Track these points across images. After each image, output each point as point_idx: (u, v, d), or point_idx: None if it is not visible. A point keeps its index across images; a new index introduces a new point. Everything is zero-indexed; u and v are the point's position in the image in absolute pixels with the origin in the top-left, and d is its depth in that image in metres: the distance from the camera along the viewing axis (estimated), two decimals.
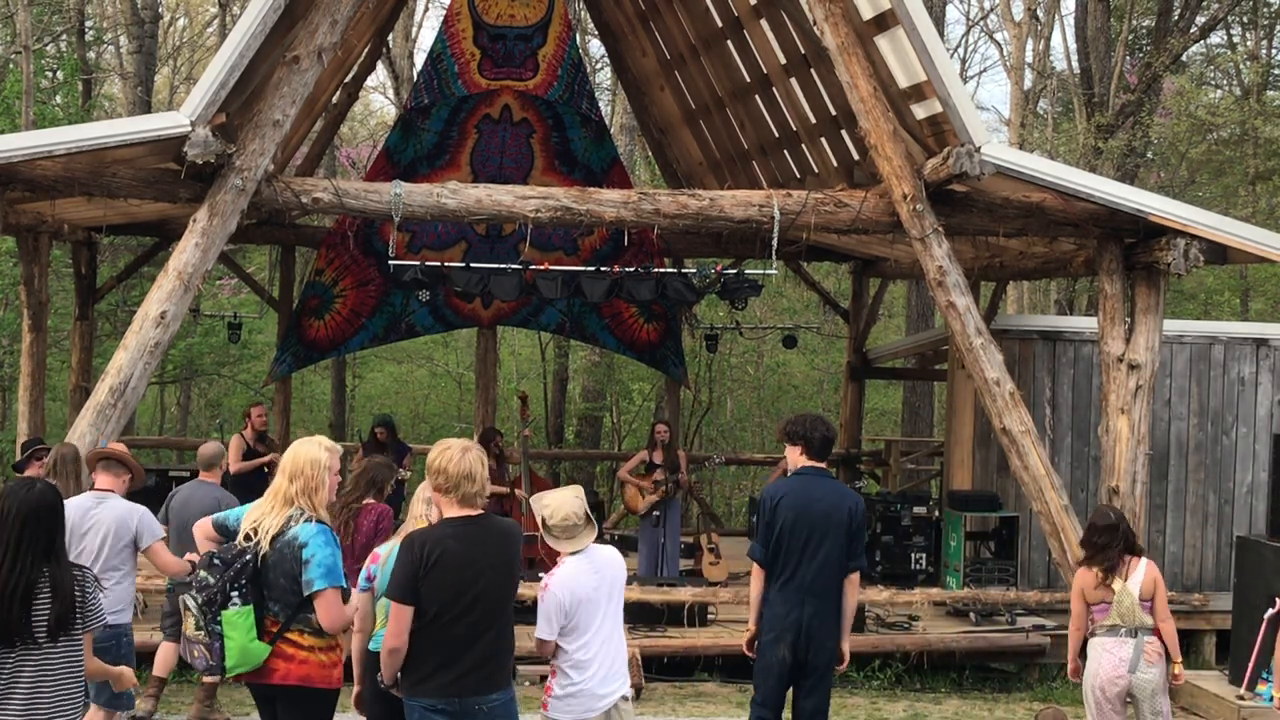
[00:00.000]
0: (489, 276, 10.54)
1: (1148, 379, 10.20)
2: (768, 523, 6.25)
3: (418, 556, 4.77)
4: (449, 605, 4.76)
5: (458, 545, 4.79)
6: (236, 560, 5.02)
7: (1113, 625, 6.74)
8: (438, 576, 4.74)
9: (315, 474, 5.11)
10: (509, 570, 4.89)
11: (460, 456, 4.85)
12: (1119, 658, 6.70)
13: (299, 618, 5.05)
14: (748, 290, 10.72)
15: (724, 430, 24.68)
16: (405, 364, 27.27)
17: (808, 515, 6.17)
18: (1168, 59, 20.00)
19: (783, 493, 6.30)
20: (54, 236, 12.83)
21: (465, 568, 4.77)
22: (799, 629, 6.17)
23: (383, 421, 12.65)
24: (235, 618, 4.98)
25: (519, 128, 13.54)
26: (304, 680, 5.06)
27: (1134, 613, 6.69)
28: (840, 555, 6.20)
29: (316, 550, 4.98)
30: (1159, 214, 9.82)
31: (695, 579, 11.49)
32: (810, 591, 6.17)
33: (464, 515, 4.87)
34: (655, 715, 8.77)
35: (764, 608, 6.30)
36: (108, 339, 18.32)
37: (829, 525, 6.17)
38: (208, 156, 9.07)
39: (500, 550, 4.87)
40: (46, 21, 21.53)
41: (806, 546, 6.17)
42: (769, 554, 6.25)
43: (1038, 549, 11.62)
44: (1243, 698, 8.91)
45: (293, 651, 5.06)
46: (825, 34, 9.93)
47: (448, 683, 4.79)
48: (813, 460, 6.33)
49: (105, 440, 8.97)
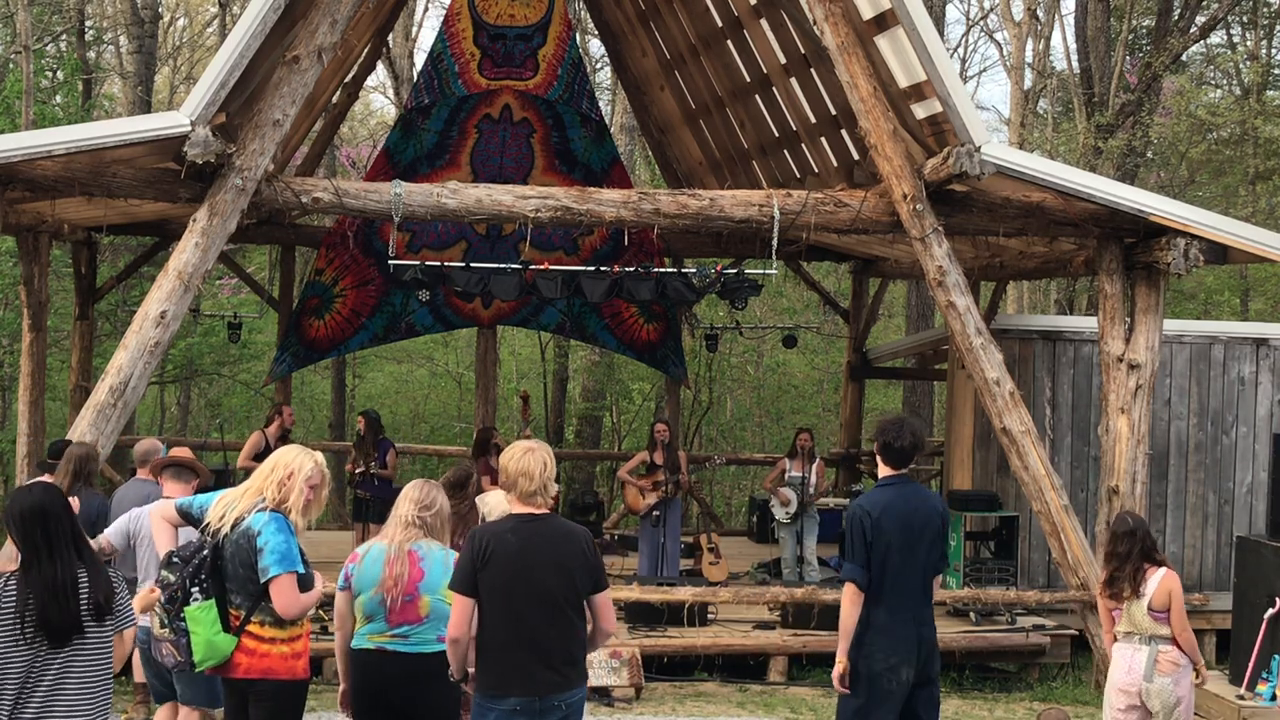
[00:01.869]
0: (489, 276, 10.54)
1: (1148, 379, 10.20)
2: (870, 541, 5.79)
3: (476, 549, 4.89)
4: (505, 598, 4.83)
5: (514, 540, 4.88)
6: (195, 556, 5.11)
7: (1127, 632, 6.70)
8: (493, 569, 4.84)
9: (291, 479, 5.20)
10: (568, 569, 4.90)
11: (520, 456, 4.98)
12: (1131, 665, 6.65)
13: (261, 608, 5.12)
14: (748, 290, 10.72)
15: (724, 430, 24.69)
16: (405, 364, 27.27)
17: (910, 527, 5.83)
18: (1168, 59, 19.99)
19: (881, 506, 5.85)
20: (54, 236, 12.83)
21: (520, 562, 4.85)
22: (919, 645, 5.80)
23: (363, 412, 12.64)
24: (198, 613, 5.06)
25: (519, 127, 13.55)
26: (266, 673, 5.12)
27: (1144, 620, 6.63)
28: (934, 562, 5.95)
29: (270, 537, 5.06)
30: (1159, 214, 9.82)
31: (695, 579, 11.49)
32: (921, 604, 5.87)
33: (526, 512, 4.97)
34: (655, 715, 8.77)
35: (869, 632, 5.78)
36: (108, 339, 18.30)
37: (925, 535, 5.87)
38: (208, 156, 9.07)
39: (558, 548, 4.91)
40: (46, 21, 21.52)
41: (912, 560, 5.83)
42: (872, 574, 5.78)
43: (1038, 549, 11.62)
44: (1243, 698, 8.90)
45: (254, 645, 5.12)
46: (825, 34, 9.93)
47: (530, 682, 4.84)
48: (894, 469, 5.97)
49: (106, 440, 8.99)
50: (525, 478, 4.95)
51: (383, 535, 5.45)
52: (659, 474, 11.76)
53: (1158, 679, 6.59)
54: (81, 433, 8.98)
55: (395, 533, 5.38)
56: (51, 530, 4.40)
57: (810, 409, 24.62)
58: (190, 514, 5.35)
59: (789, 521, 11.89)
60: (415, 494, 5.47)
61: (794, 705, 9.16)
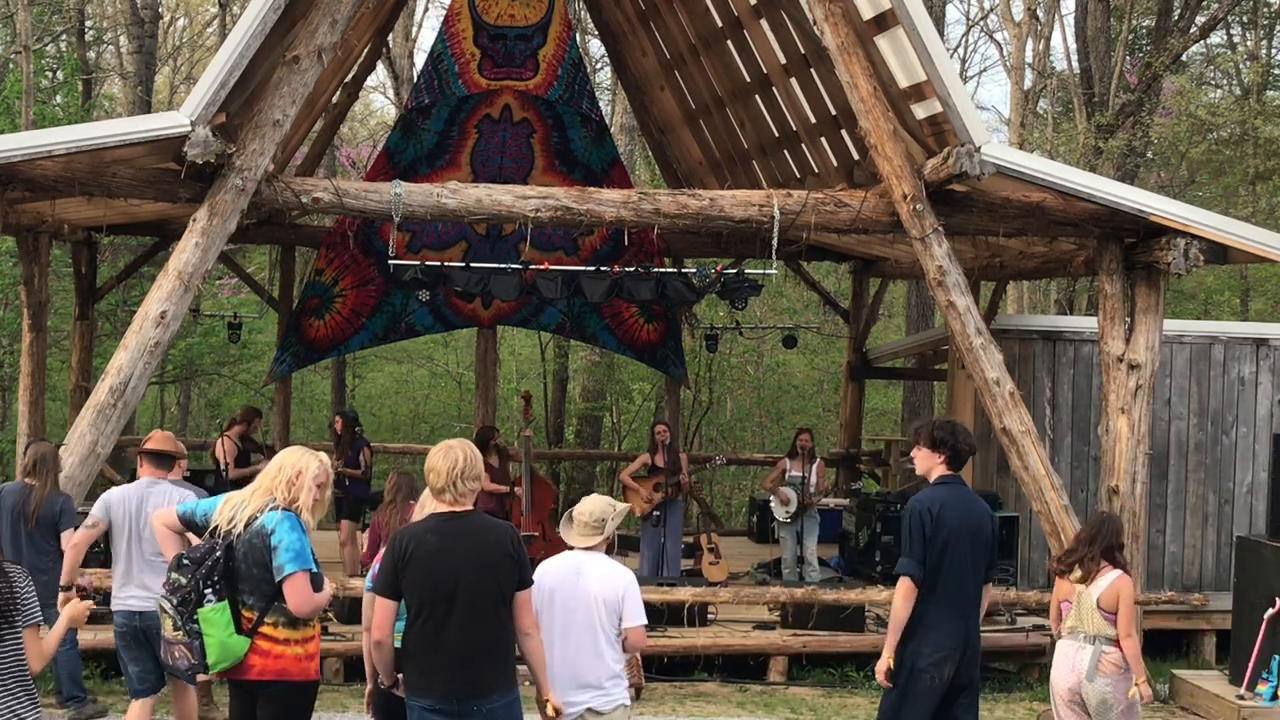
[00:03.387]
0: (489, 276, 10.54)
1: (1148, 379, 10.20)
2: (929, 536, 5.86)
3: (397, 551, 4.86)
4: (429, 599, 4.80)
5: (435, 539, 4.84)
6: (207, 558, 5.07)
7: (1072, 628, 6.68)
8: (414, 569, 4.80)
9: (300, 477, 5.20)
10: (492, 566, 4.83)
11: (433, 453, 4.95)
12: (1074, 663, 6.64)
13: (274, 608, 5.10)
14: (748, 290, 10.72)
15: (724, 430, 24.69)
16: (405, 364, 27.28)
17: (966, 526, 5.90)
18: (1168, 59, 20.00)
19: (941, 502, 5.93)
20: (54, 236, 12.83)
21: (440, 561, 4.80)
22: (965, 645, 5.88)
23: (339, 412, 12.60)
24: (212, 614, 5.03)
25: (519, 128, 13.54)
26: (281, 674, 5.11)
27: (1092, 617, 6.61)
28: (986, 566, 6.03)
29: (284, 535, 5.05)
30: (1159, 214, 9.82)
31: (695, 579, 11.50)
32: (970, 606, 5.95)
33: (447, 511, 4.92)
34: (655, 715, 8.77)
35: (919, 627, 5.87)
36: (108, 339, 18.31)
37: (980, 536, 5.94)
38: (208, 156, 9.06)
39: (481, 545, 4.84)
40: (46, 21, 21.54)
41: (966, 560, 5.89)
42: (928, 569, 5.87)
43: (1038, 549, 11.62)
44: (1243, 698, 8.91)
45: (268, 646, 5.11)
46: (825, 34, 9.92)
47: (443, 683, 4.80)
48: (951, 470, 6.05)
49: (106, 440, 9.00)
50: (433, 474, 4.92)
51: None
52: (660, 476, 11.77)
53: (1098, 679, 6.56)
54: (81, 433, 8.98)
55: None
56: None
57: (810, 409, 24.63)
58: (194, 522, 5.30)
59: (789, 521, 11.89)
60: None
61: (794, 705, 9.17)
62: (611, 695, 5.42)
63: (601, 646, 5.36)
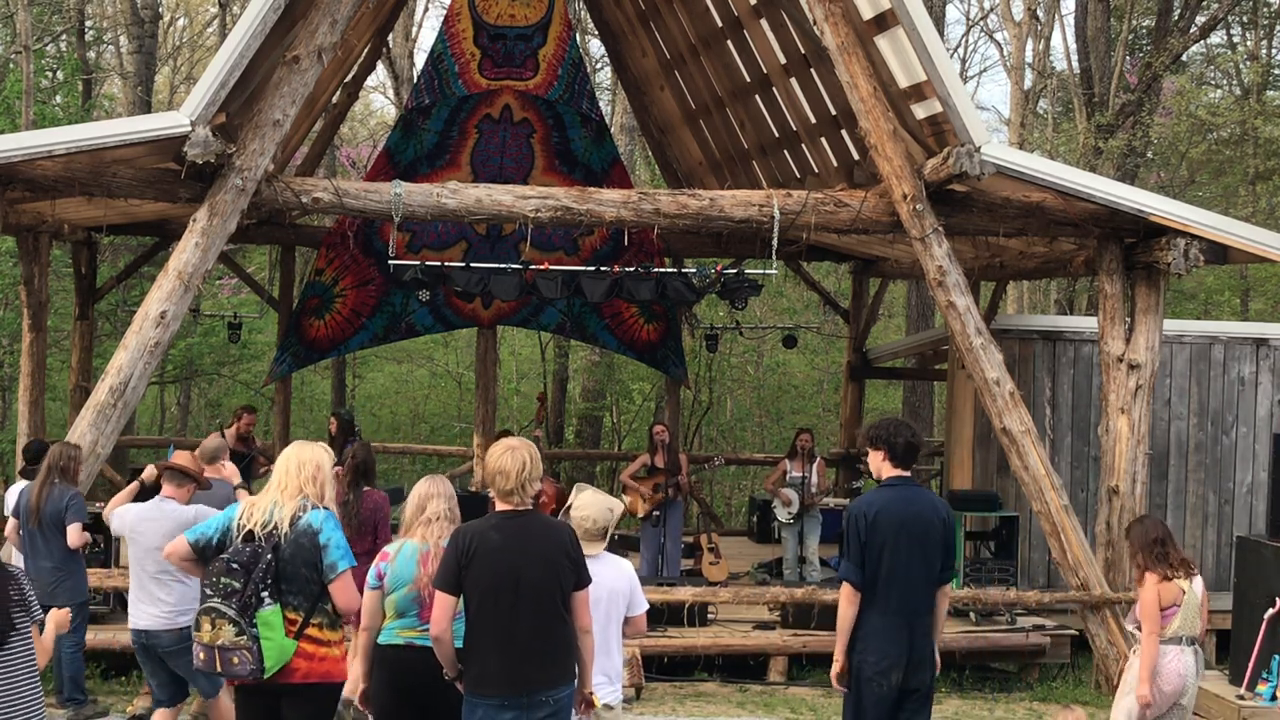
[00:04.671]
0: (489, 276, 10.54)
1: (1148, 379, 10.20)
2: (864, 542, 5.73)
3: (460, 547, 4.92)
4: (491, 595, 4.86)
5: (497, 536, 4.91)
6: (258, 560, 5.02)
7: (1176, 633, 6.69)
8: (478, 566, 4.86)
9: (320, 472, 5.20)
10: (552, 564, 4.92)
11: (500, 454, 5.00)
12: (1180, 666, 6.67)
13: (318, 609, 5.09)
14: (748, 290, 10.72)
15: (724, 430, 24.68)
16: (405, 364, 27.27)
17: (908, 530, 5.72)
18: (1168, 59, 20.00)
19: (878, 506, 5.77)
20: (54, 236, 12.83)
21: (503, 558, 4.87)
22: (910, 651, 5.73)
23: (334, 413, 12.59)
24: (270, 617, 5.00)
25: (519, 127, 13.54)
26: (325, 676, 5.11)
27: (1195, 618, 6.67)
28: (936, 569, 5.81)
29: (332, 533, 5.07)
30: (1159, 214, 9.82)
31: (695, 579, 11.51)
32: (916, 611, 5.76)
33: (508, 510, 4.99)
34: (655, 715, 8.78)
35: (862, 634, 5.76)
36: (108, 339, 18.30)
37: (928, 538, 5.75)
38: (208, 156, 9.07)
39: (541, 543, 4.93)
40: (46, 21, 21.53)
41: (910, 563, 5.71)
42: (867, 575, 5.73)
43: (1038, 549, 11.62)
44: (1243, 698, 8.90)
45: (312, 649, 5.09)
46: (825, 34, 9.93)
47: (514, 677, 4.86)
48: (898, 468, 5.86)
49: (106, 440, 9.00)
50: (502, 476, 4.97)
51: (410, 533, 5.47)
52: (660, 476, 11.77)
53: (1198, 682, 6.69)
54: (81, 433, 8.98)
55: (431, 530, 5.41)
56: None
57: (810, 409, 24.62)
58: (209, 545, 5.20)
59: (791, 522, 11.89)
60: (441, 489, 5.53)
61: (794, 705, 9.17)
62: (618, 690, 5.52)
63: (613, 641, 5.46)
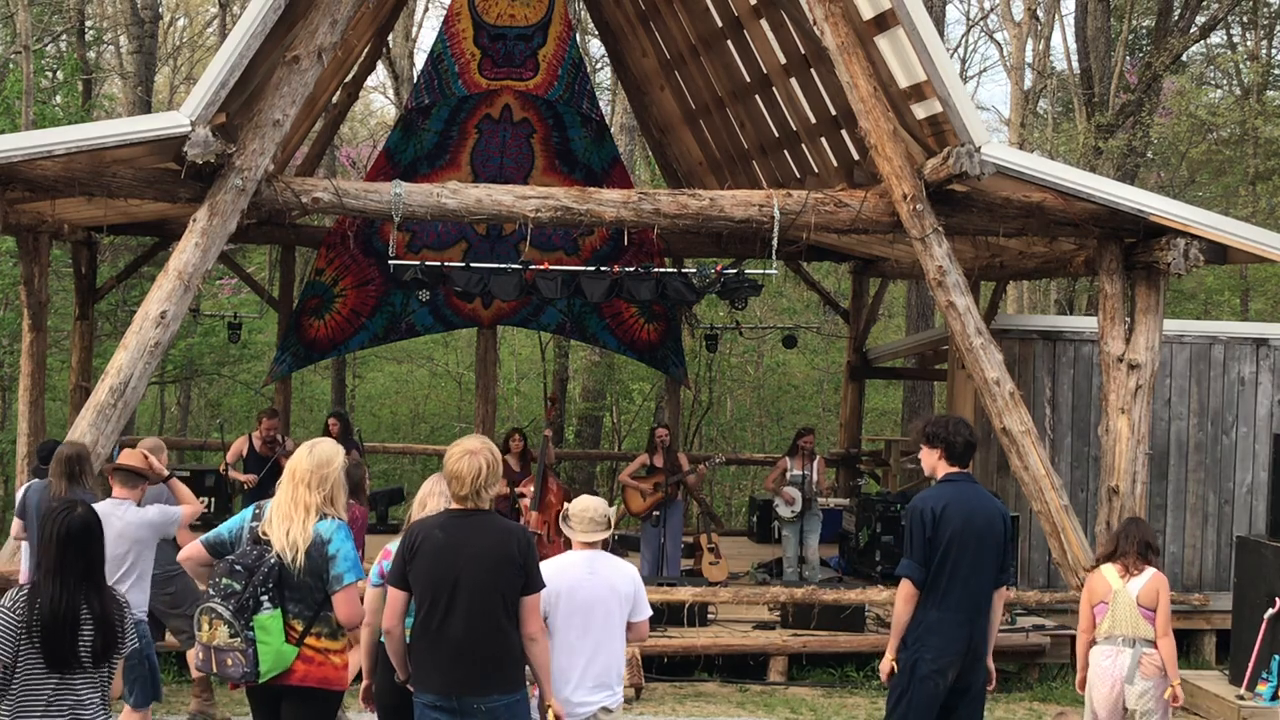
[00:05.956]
0: (489, 276, 10.54)
1: (1148, 379, 10.20)
2: (929, 538, 5.65)
3: (405, 543, 4.91)
4: (429, 593, 4.81)
5: (441, 534, 4.87)
6: (260, 564, 5.00)
7: (1108, 635, 6.58)
8: (420, 562, 4.84)
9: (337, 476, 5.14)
10: (496, 567, 4.81)
11: (457, 457, 4.92)
12: (1114, 667, 6.55)
13: (320, 618, 5.07)
14: (748, 290, 10.72)
15: (724, 430, 24.68)
16: (405, 364, 27.27)
17: (972, 526, 5.67)
18: (1168, 59, 20.00)
19: (944, 502, 5.69)
20: (54, 236, 12.83)
21: (444, 557, 4.81)
22: (967, 650, 5.66)
23: (334, 413, 12.59)
24: (268, 621, 4.96)
25: (519, 128, 13.54)
26: (322, 682, 5.08)
27: (1131, 619, 6.53)
28: (997, 568, 5.77)
29: (340, 545, 5.03)
30: (1159, 214, 9.82)
31: (695, 579, 11.50)
32: (977, 609, 5.70)
33: (459, 509, 4.94)
34: (655, 715, 8.78)
35: (919, 631, 5.67)
36: (108, 339, 18.31)
37: (989, 537, 5.70)
38: (208, 156, 9.07)
39: (487, 544, 4.83)
40: (46, 21, 21.53)
41: (975, 561, 5.66)
42: (929, 571, 5.67)
43: (1038, 549, 11.62)
44: (1243, 698, 8.91)
45: (313, 655, 5.08)
46: (825, 34, 9.93)
47: (442, 678, 4.80)
48: (954, 466, 5.81)
49: (106, 441, 8.99)
50: (456, 481, 4.90)
51: None
52: (660, 476, 11.78)
53: (1139, 681, 6.50)
54: (81, 433, 8.98)
55: None
56: (69, 558, 4.30)
57: (810, 409, 24.63)
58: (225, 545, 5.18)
59: (794, 520, 11.89)
60: (443, 488, 5.44)
61: (794, 705, 9.17)
62: (618, 694, 5.45)
63: (615, 644, 5.39)
